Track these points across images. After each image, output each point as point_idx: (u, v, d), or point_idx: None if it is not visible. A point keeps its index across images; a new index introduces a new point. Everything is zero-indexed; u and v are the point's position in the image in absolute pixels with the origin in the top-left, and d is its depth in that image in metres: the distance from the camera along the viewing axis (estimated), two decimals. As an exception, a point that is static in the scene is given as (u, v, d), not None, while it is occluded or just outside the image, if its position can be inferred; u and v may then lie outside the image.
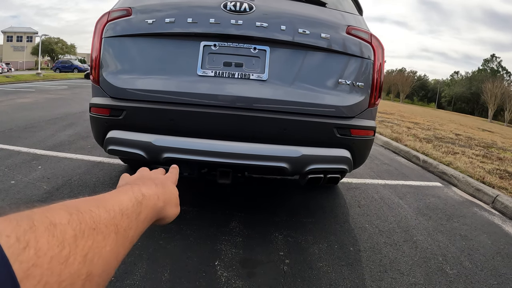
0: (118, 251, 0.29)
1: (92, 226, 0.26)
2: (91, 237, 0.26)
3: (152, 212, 0.38)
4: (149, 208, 0.37)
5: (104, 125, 1.80)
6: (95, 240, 0.26)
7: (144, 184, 0.41)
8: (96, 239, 0.26)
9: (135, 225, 0.33)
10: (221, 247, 1.86)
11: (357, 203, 2.75)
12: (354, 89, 1.82)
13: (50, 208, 0.25)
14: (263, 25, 1.71)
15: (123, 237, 0.30)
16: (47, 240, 0.22)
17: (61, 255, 0.23)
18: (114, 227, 0.29)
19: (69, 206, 0.27)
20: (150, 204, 0.38)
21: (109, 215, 0.30)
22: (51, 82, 18.26)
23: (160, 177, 0.49)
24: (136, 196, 0.36)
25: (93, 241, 0.26)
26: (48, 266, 0.21)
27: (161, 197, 0.42)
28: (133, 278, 1.53)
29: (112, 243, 0.28)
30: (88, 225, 0.26)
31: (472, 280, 1.81)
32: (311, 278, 1.67)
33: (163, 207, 0.42)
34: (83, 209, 0.27)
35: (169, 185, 0.48)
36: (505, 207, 2.98)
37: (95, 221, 0.27)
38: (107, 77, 1.78)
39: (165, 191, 0.44)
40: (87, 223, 0.26)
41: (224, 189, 2.69)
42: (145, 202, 0.37)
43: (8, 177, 2.60)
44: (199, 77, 1.71)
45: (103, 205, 0.30)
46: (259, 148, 1.71)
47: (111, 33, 1.78)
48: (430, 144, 5.83)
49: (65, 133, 4.40)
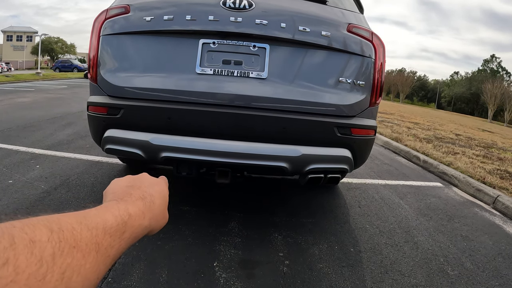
0: (99, 269, 0.29)
1: (72, 244, 0.27)
2: (70, 255, 0.26)
3: (136, 231, 0.37)
4: (134, 228, 0.36)
5: (101, 123, 1.78)
6: (74, 258, 0.26)
7: (131, 200, 0.40)
8: (75, 257, 0.26)
9: (118, 244, 0.33)
10: (220, 248, 1.84)
11: (358, 203, 2.73)
12: (355, 88, 1.79)
13: (31, 224, 0.25)
14: (263, 22, 1.69)
15: (104, 255, 0.30)
16: (26, 257, 0.23)
17: (39, 272, 0.23)
18: (95, 245, 0.29)
19: (51, 222, 0.27)
20: (135, 224, 0.37)
21: (91, 233, 0.30)
22: (50, 81, 18.25)
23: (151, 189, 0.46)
24: (121, 215, 0.35)
25: (72, 259, 0.26)
26: (26, 283, 0.22)
27: (148, 214, 0.40)
28: (131, 279, 1.51)
29: (93, 261, 0.28)
30: (69, 243, 0.26)
31: (474, 281, 1.79)
32: (311, 279, 1.65)
33: (149, 225, 0.41)
34: (65, 226, 0.27)
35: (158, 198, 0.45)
36: (506, 207, 2.96)
37: (76, 239, 0.27)
38: (105, 75, 1.76)
39: (153, 208, 0.42)
40: (67, 241, 0.26)
41: (223, 189, 2.67)
42: (130, 222, 0.36)
43: (6, 177, 2.58)
44: (198, 75, 1.69)
45: (86, 222, 0.30)
46: (258, 147, 1.69)
47: (109, 31, 1.76)
48: (430, 144, 5.81)
49: (64, 132, 4.38)
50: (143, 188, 0.45)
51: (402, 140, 5.82)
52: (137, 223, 0.38)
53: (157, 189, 0.46)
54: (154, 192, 0.45)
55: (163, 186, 0.49)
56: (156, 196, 0.45)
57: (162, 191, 0.48)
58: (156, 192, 0.46)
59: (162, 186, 0.49)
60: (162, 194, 0.47)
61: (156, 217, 0.43)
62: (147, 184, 0.47)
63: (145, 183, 0.46)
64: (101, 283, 1.46)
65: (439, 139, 6.96)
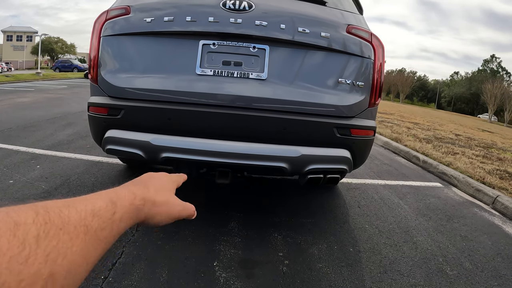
0: (88, 252, 0.29)
1: (59, 226, 0.26)
2: (56, 237, 0.26)
3: (128, 211, 0.37)
4: (125, 208, 0.36)
5: (102, 124, 1.79)
6: (60, 240, 0.26)
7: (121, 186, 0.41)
8: (61, 239, 0.26)
9: (110, 226, 0.33)
10: (220, 248, 1.85)
11: (357, 203, 2.74)
12: (354, 89, 1.80)
13: (18, 208, 0.26)
14: (263, 23, 1.70)
15: (93, 238, 0.30)
16: (7, 240, 0.23)
17: (21, 255, 0.23)
18: (84, 227, 0.29)
19: (37, 206, 0.27)
20: (125, 203, 0.37)
21: (79, 215, 0.29)
22: (50, 81, 18.25)
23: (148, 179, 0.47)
24: (110, 197, 0.35)
25: (58, 241, 0.26)
26: (7, 266, 0.22)
27: (140, 195, 0.40)
28: (131, 279, 1.52)
29: (81, 244, 0.28)
30: (55, 224, 0.26)
31: (473, 281, 1.80)
32: (311, 279, 1.66)
33: (143, 205, 0.40)
34: (53, 209, 0.27)
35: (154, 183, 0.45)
36: (505, 207, 2.97)
37: (63, 221, 0.27)
38: (106, 76, 1.77)
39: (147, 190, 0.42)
40: (53, 223, 0.26)
41: (223, 189, 2.68)
42: (120, 202, 0.36)
43: (7, 177, 2.59)
44: (198, 76, 1.70)
45: (74, 205, 0.30)
46: (258, 148, 1.70)
47: (109, 32, 1.77)
48: (430, 144, 5.82)
49: (64, 132, 4.39)
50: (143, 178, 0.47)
51: (402, 140, 5.83)
52: (128, 202, 0.37)
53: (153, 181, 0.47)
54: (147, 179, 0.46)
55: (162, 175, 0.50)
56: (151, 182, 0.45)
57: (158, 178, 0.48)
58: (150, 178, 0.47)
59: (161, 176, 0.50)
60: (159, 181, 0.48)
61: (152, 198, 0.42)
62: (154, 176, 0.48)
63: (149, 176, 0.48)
64: (101, 282, 1.47)
65: (438, 139, 6.97)
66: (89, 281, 1.47)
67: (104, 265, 1.59)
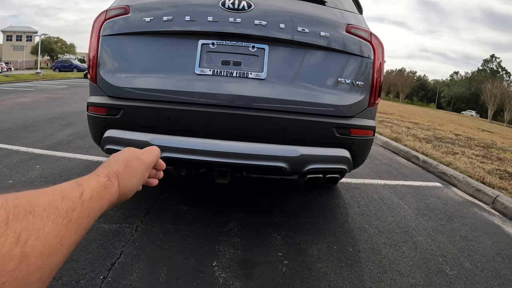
0: (61, 233, 0.30)
1: (28, 209, 0.28)
2: (26, 220, 0.27)
3: (97, 189, 0.39)
4: (91, 187, 0.38)
5: (101, 124, 1.78)
6: (30, 222, 0.27)
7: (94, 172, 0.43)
8: (31, 221, 0.27)
9: (80, 206, 0.34)
10: (219, 248, 1.84)
11: (357, 203, 2.74)
12: (354, 88, 1.80)
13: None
14: (262, 23, 1.69)
15: (65, 219, 0.31)
16: None
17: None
18: (53, 209, 0.30)
19: (7, 194, 0.28)
20: (91, 182, 0.39)
21: (48, 198, 0.31)
22: (50, 81, 18.24)
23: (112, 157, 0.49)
24: (75, 180, 0.38)
25: (28, 223, 0.27)
26: None
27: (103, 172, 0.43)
28: (130, 279, 1.51)
29: (52, 225, 0.29)
30: (24, 208, 0.27)
31: (473, 281, 1.79)
32: (310, 279, 1.65)
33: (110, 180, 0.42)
34: (22, 195, 0.29)
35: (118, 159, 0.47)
36: (505, 207, 2.96)
37: (32, 204, 0.29)
38: (105, 76, 1.76)
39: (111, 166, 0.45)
40: (22, 207, 0.27)
41: (223, 189, 2.68)
42: (86, 183, 0.38)
43: (6, 177, 2.58)
44: (197, 75, 1.70)
45: (44, 191, 0.32)
46: (257, 147, 1.70)
47: (108, 32, 1.77)
48: (429, 144, 5.81)
49: (64, 132, 4.39)
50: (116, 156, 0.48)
51: (402, 140, 5.82)
52: (93, 181, 0.39)
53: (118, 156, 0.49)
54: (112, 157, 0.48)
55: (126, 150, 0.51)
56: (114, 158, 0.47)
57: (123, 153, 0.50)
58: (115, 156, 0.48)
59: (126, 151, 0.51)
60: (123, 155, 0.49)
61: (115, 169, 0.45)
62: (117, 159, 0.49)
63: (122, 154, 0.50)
64: (100, 282, 1.47)
65: (438, 139, 6.97)
66: (88, 281, 1.46)
67: (103, 265, 1.59)
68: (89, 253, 1.66)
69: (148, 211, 2.18)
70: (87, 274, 1.51)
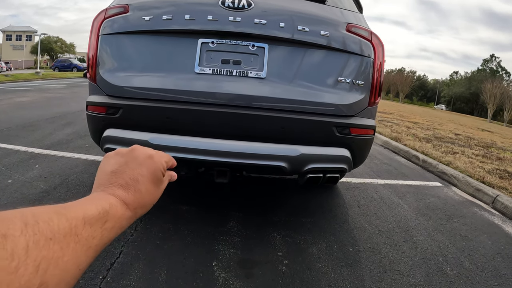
0: (79, 260, 0.29)
1: (48, 236, 0.26)
2: (46, 247, 0.26)
3: (119, 221, 0.37)
4: (116, 218, 0.36)
5: (100, 123, 1.78)
6: (50, 250, 0.26)
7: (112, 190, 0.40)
8: (52, 249, 0.26)
9: (100, 234, 0.33)
10: (219, 247, 1.84)
11: (357, 203, 2.73)
12: (354, 88, 1.79)
13: (6, 218, 0.25)
14: (262, 22, 1.69)
15: (85, 246, 0.30)
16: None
17: (11, 266, 0.23)
18: (74, 236, 0.29)
19: (26, 215, 0.26)
20: (117, 214, 0.37)
21: (70, 224, 0.29)
22: (50, 81, 18.23)
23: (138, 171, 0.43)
24: (102, 205, 0.35)
25: (48, 251, 0.26)
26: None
27: (132, 204, 0.40)
28: (129, 279, 1.51)
29: (72, 253, 0.28)
30: (44, 235, 0.26)
31: (473, 281, 1.79)
32: (310, 279, 1.65)
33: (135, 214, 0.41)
34: (42, 218, 0.27)
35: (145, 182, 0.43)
36: (505, 207, 2.96)
37: (52, 230, 0.27)
38: (104, 75, 1.76)
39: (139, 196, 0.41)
40: (43, 233, 0.26)
41: (222, 189, 2.67)
42: (112, 212, 0.36)
43: (5, 176, 2.58)
44: (197, 74, 1.69)
45: (65, 213, 0.30)
46: (257, 147, 1.69)
47: (108, 31, 1.76)
48: (429, 144, 5.81)
49: (63, 132, 4.38)
50: (129, 172, 0.42)
51: (402, 140, 5.82)
52: (120, 213, 0.37)
53: (145, 171, 0.43)
54: (139, 176, 0.42)
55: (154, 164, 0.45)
56: (142, 181, 0.42)
57: (152, 171, 0.44)
58: (143, 175, 0.43)
59: (153, 165, 0.45)
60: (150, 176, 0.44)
61: (144, 203, 0.42)
62: (135, 165, 0.43)
63: (132, 165, 0.43)
64: (100, 282, 1.46)
65: (438, 138, 6.97)
66: (87, 281, 1.46)
67: (102, 264, 1.58)
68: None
69: (147, 210, 2.17)
70: (86, 274, 1.51)
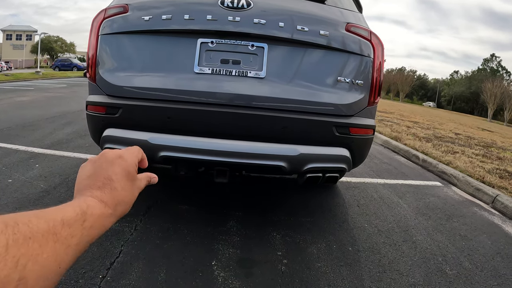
0: (59, 258, 0.32)
1: (27, 235, 0.29)
2: (25, 245, 0.28)
3: (99, 220, 0.39)
4: (95, 217, 0.38)
5: (100, 123, 1.78)
6: (29, 247, 0.28)
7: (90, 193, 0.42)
8: (31, 247, 0.29)
9: (80, 233, 0.35)
10: (218, 247, 1.84)
11: (356, 202, 2.73)
12: (354, 87, 1.79)
13: None
14: (261, 22, 1.69)
15: (64, 245, 0.32)
16: None
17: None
18: (53, 235, 0.31)
19: (7, 218, 0.29)
20: (96, 212, 0.39)
21: (48, 225, 0.32)
22: (50, 80, 18.25)
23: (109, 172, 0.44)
24: (80, 206, 0.38)
25: (27, 249, 0.28)
26: None
27: (110, 202, 0.42)
28: (129, 278, 1.51)
29: (51, 250, 0.31)
30: (23, 234, 0.29)
31: (472, 280, 1.79)
32: (309, 278, 1.65)
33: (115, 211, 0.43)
34: (21, 220, 0.30)
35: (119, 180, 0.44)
36: (505, 207, 2.96)
37: (31, 230, 0.29)
38: (104, 74, 1.76)
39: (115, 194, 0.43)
40: (22, 233, 0.28)
41: (222, 188, 2.67)
42: (90, 211, 0.38)
43: (6, 176, 2.58)
44: (196, 74, 1.69)
45: (44, 216, 0.32)
46: (256, 146, 1.69)
47: (107, 31, 1.76)
48: (429, 143, 5.81)
49: (63, 131, 4.38)
50: (103, 173, 0.44)
51: (402, 139, 5.82)
52: (98, 211, 0.39)
53: (117, 170, 0.45)
54: (113, 174, 0.44)
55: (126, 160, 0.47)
56: (116, 178, 0.44)
57: (124, 168, 0.46)
58: (116, 174, 0.44)
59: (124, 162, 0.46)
60: (125, 172, 0.45)
61: (122, 199, 0.44)
62: (107, 166, 0.45)
63: (105, 166, 0.45)
64: (100, 281, 1.47)
65: (438, 138, 6.96)
66: (87, 280, 1.46)
67: (102, 264, 1.59)
68: (88, 252, 1.66)
69: (147, 210, 2.18)
70: (86, 273, 1.51)
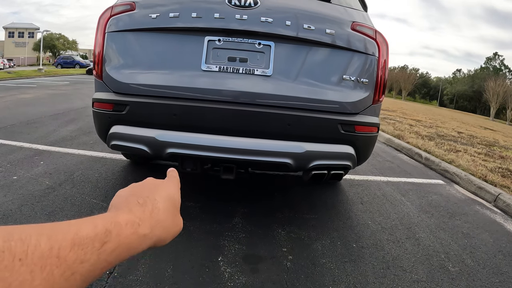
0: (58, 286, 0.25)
1: (18, 257, 0.23)
2: (9, 269, 0.22)
3: (128, 241, 0.31)
4: (122, 238, 0.31)
5: (107, 120, 1.80)
6: (15, 272, 0.22)
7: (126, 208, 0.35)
8: (18, 271, 0.22)
9: (96, 258, 0.27)
10: (224, 243, 1.86)
11: (360, 200, 2.75)
12: (358, 86, 1.81)
13: None
14: (268, 20, 1.70)
15: (67, 272, 0.25)
16: None
17: None
18: (54, 259, 0.25)
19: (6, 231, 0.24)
20: (124, 233, 0.31)
21: (51, 245, 0.25)
22: (52, 78, 18.27)
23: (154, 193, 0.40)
24: (104, 224, 0.30)
25: (11, 273, 0.22)
26: None
27: (148, 222, 0.35)
28: (136, 274, 1.53)
29: (46, 277, 0.24)
30: (12, 253, 0.23)
31: (474, 278, 1.81)
32: (314, 274, 1.67)
33: (152, 233, 0.35)
34: (17, 236, 0.24)
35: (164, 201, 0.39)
36: (507, 205, 2.97)
37: (24, 250, 0.23)
38: (110, 72, 1.77)
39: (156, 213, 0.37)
40: (11, 252, 0.23)
41: (227, 185, 2.69)
42: (117, 231, 0.30)
43: (11, 173, 2.60)
44: (203, 72, 1.71)
45: (48, 233, 0.26)
46: (263, 143, 1.71)
47: (114, 28, 1.78)
48: (432, 142, 5.81)
49: (67, 128, 4.40)
50: (145, 193, 0.39)
51: (404, 138, 5.82)
52: (128, 231, 0.32)
53: (162, 193, 0.40)
54: (158, 196, 0.39)
55: (171, 188, 0.43)
56: (161, 200, 0.39)
57: (169, 194, 0.41)
58: (162, 196, 0.40)
59: (170, 188, 0.43)
60: (169, 197, 0.41)
61: (162, 223, 0.37)
62: (150, 188, 0.41)
63: (148, 187, 0.41)
64: (107, 277, 1.49)
65: (441, 136, 6.96)
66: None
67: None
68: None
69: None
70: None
